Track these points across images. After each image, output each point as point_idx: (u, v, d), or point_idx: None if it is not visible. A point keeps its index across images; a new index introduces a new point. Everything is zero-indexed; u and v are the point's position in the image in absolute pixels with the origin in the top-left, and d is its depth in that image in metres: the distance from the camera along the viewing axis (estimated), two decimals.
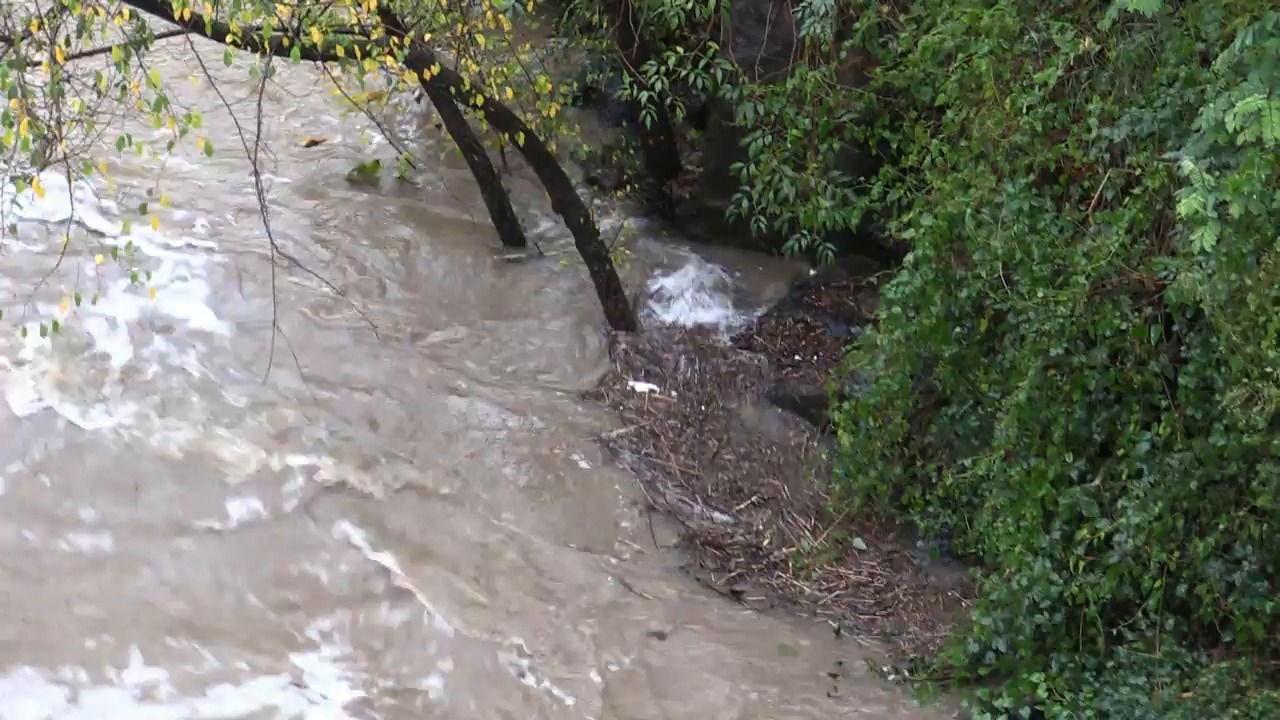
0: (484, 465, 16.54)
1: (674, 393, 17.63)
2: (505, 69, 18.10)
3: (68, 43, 13.29)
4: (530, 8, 17.28)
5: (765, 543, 16.00)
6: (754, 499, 16.48)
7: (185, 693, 13.91)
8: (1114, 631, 13.81)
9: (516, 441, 16.84)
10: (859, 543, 16.01)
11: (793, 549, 15.90)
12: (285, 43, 14.24)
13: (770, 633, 15.12)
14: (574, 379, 17.96)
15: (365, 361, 17.49)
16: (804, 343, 18.27)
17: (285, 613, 14.72)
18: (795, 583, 15.63)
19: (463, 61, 17.20)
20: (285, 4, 14.44)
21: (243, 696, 13.99)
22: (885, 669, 14.66)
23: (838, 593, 15.57)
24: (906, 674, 14.60)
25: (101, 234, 17.65)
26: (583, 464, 16.72)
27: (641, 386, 17.72)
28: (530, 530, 15.89)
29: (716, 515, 16.31)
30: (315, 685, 14.13)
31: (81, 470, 15.71)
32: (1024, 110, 14.52)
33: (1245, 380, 12.28)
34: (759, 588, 15.61)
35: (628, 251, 19.19)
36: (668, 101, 17.87)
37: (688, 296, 19.14)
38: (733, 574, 15.68)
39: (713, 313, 18.93)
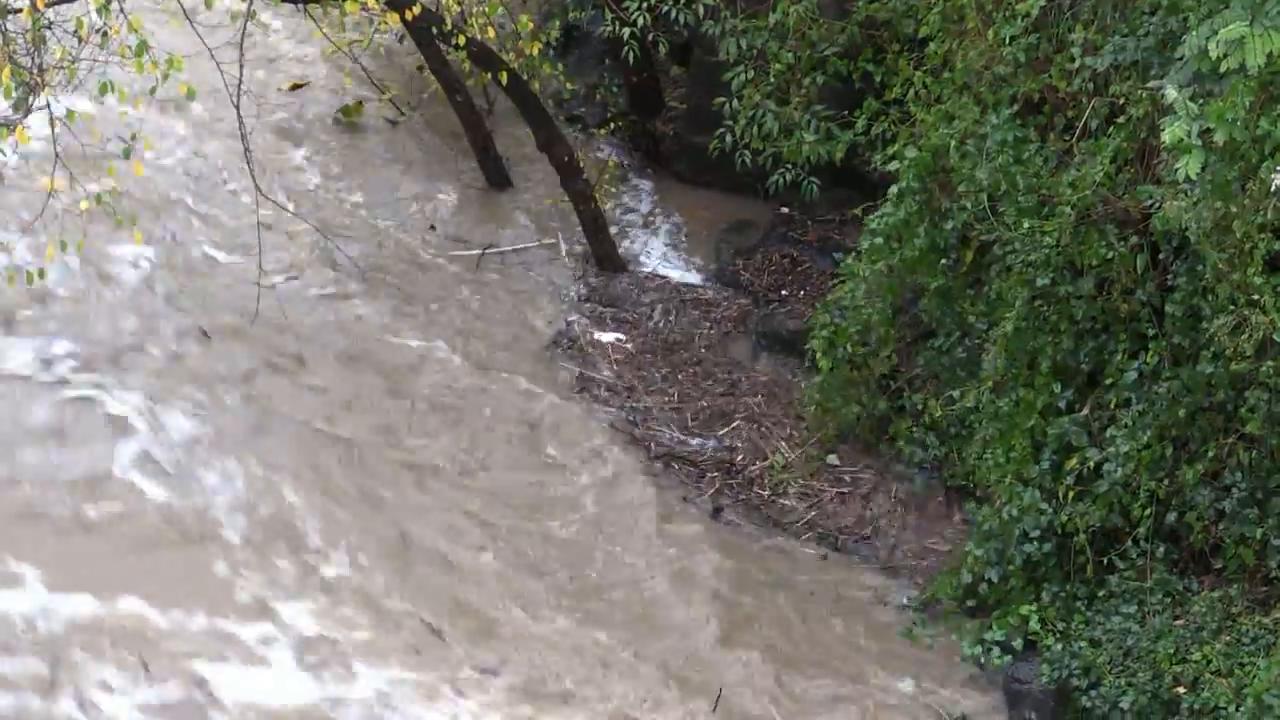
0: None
1: (643, 339, 17.59)
2: (487, 9, 18.01)
3: None
4: None
5: (739, 459, 16.10)
6: (736, 424, 16.53)
7: None
8: (1104, 560, 13.84)
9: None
10: (833, 459, 16.09)
11: (767, 462, 16.00)
12: None
13: None
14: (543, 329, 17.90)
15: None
16: (790, 277, 18.25)
17: None
18: (776, 499, 15.77)
19: (444, 1, 17.11)
20: None
21: None
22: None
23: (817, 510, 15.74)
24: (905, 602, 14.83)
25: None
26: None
27: (607, 336, 17.69)
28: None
29: (694, 440, 16.39)
30: None
31: None
32: (1007, 41, 14.48)
33: (1232, 307, 12.32)
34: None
35: (611, 190, 19.13)
36: (650, 38, 17.81)
37: (671, 233, 19.12)
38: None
39: (698, 248, 18.92)
